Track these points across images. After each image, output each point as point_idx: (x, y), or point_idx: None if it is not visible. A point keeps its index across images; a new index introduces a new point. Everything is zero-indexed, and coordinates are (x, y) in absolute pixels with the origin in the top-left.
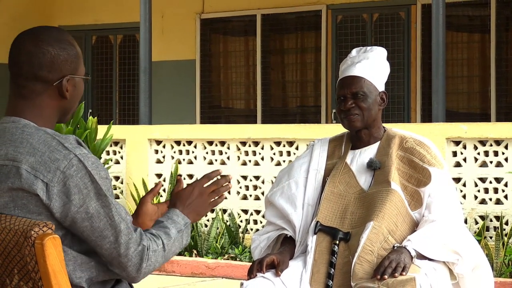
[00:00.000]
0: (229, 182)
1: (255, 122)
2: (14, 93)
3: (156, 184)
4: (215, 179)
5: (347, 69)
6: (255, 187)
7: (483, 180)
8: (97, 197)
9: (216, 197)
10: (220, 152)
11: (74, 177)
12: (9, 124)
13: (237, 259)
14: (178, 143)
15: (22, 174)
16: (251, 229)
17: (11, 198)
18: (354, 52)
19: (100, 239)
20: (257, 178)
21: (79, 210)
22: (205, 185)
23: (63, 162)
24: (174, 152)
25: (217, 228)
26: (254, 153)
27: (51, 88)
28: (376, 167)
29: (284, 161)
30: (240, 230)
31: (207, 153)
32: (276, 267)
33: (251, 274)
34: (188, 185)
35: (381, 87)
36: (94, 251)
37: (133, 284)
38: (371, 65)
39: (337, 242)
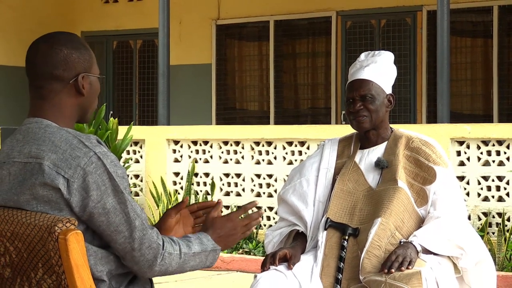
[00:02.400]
0: (261, 216)
1: (268, 123)
2: (34, 95)
3: (183, 200)
4: (250, 211)
5: (356, 72)
6: (268, 185)
7: (486, 178)
8: (114, 193)
9: (246, 230)
10: (235, 152)
11: (93, 173)
12: (32, 125)
13: (251, 254)
14: (195, 143)
15: (44, 170)
16: (264, 225)
17: (33, 195)
18: (362, 56)
19: (115, 234)
20: (270, 176)
21: (97, 206)
22: (239, 217)
23: (83, 159)
24: (191, 151)
25: None
26: (267, 152)
27: (68, 86)
28: (383, 166)
29: (295, 160)
30: None
31: (222, 152)
32: (288, 261)
33: (264, 267)
34: (225, 215)
35: (388, 90)
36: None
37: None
38: (379, 69)
39: (347, 237)
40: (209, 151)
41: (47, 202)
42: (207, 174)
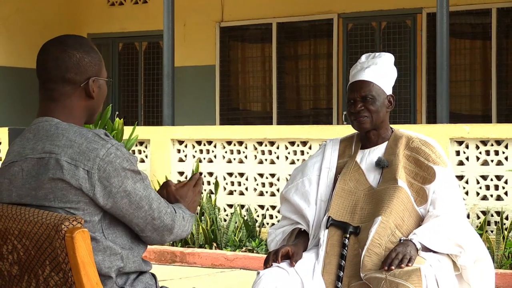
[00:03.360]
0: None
1: (271, 123)
2: (44, 97)
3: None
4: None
5: (357, 73)
6: (271, 184)
7: (484, 177)
8: (132, 176)
9: (199, 191)
10: (238, 152)
11: (113, 163)
12: (43, 123)
13: (254, 252)
14: (199, 143)
15: (63, 166)
16: (267, 223)
17: (51, 189)
18: (363, 58)
19: (137, 210)
20: (272, 175)
21: (119, 190)
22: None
23: (102, 150)
24: (195, 151)
25: (236, 223)
26: (270, 152)
27: (79, 90)
28: (384, 165)
29: (298, 160)
30: (257, 224)
31: (226, 152)
32: (291, 258)
33: (267, 264)
34: (181, 187)
35: (388, 91)
36: (121, 241)
37: (157, 274)
38: (379, 70)
39: (348, 235)
40: (213, 151)
41: (64, 195)
42: (211, 174)
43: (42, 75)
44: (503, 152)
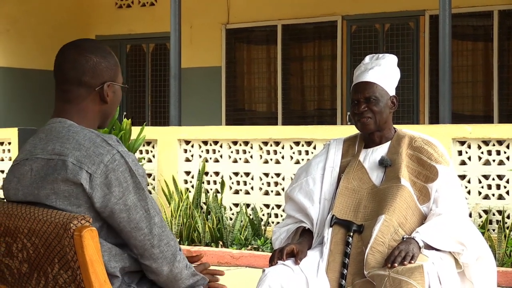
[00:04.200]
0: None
1: (276, 124)
2: (60, 98)
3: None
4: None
5: (361, 75)
6: (276, 184)
7: (486, 177)
8: (135, 191)
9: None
10: (244, 151)
11: (116, 170)
12: (56, 124)
13: (260, 250)
14: (205, 143)
15: (68, 166)
16: (272, 222)
17: (54, 190)
18: (367, 59)
19: (135, 230)
20: (277, 175)
21: (118, 202)
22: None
23: (107, 156)
24: (202, 151)
25: (241, 221)
26: (275, 152)
27: (94, 93)
28: (387, 164)
29: (302, 159)
30: (262, 223)
31: (232, 152)
32: (296, 256)
33: (272, 262)
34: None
35: (392, 92)
36: (126, 244)
37: None
38: (383, 72)
39: (351, 234)
40: (219, 151)
41: (66, 198)
42: (217, 173)
43: (59, 76)
44: (505, 152)
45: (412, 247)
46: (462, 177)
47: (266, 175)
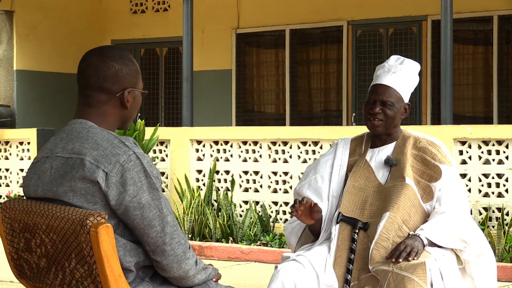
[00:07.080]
0: None
1: (284, 125)
2: (82, 102)
3: None
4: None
5: (383, 76)
6: (284, 182)
7: (486, 176)
8: (149, 190)
9: None
10: (253, 151)
11: (131, 170)
12: (77, 125)
13: (268, 245)
14: (216, 143)
15: (85, 165)
16: (281, 219)
17: (71, 187)
18: (392, 60)
19: (148, 228)
20: (286, 174)
21: (133, 200)
22: None
23: (123, 156)
24: (213, 151)
25: (251, 218)
26: (283, 151)
27: (114, 99)
28: (392, 163)
29: (310, 159)
30: (271, 219)
31: (241, 151)
32: (312, 209)
33: (295, 207)
34: None
35: (407, 99)
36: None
37: None
38: (404, 78)
39: (357, 230)
40: (229, 150)
41: (83, 195)
42: (227, 172)
43: (81, 81)
44: (504, 152)
45: (416, 243)
46: (463, 175)
47: (275, 173)
